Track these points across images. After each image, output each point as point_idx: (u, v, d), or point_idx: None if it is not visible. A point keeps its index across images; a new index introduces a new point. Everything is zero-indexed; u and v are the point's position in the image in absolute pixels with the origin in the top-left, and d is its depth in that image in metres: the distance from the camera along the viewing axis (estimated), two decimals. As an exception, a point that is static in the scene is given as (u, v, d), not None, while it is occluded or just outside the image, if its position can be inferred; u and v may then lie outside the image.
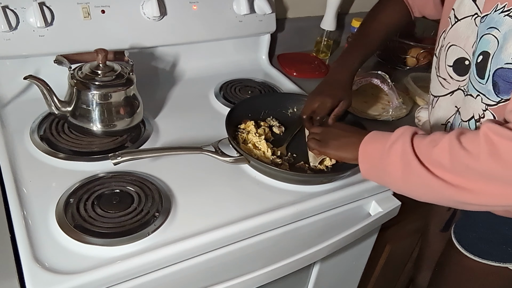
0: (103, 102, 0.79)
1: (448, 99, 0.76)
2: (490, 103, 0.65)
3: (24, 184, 0.70)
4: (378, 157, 0.63)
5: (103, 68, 0.80)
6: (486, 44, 0.63)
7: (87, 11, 0.90)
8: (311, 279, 0.94)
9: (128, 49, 0.94)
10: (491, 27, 0.62)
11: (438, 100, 0.79)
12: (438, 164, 0.56)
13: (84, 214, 0.65)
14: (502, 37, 0.60)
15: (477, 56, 0.65)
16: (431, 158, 0.57)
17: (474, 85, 0.67)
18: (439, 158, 0.56)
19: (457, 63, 0.72)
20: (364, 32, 0.93)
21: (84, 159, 0.76)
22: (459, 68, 0.71)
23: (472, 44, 0.68)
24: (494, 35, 0.62)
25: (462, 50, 0.70)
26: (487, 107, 0.66)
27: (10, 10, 0.82)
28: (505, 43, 0.59)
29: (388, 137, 0.62)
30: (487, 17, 0.63)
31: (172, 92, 1.03)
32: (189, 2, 1.01)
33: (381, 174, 0.64)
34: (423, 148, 0.58)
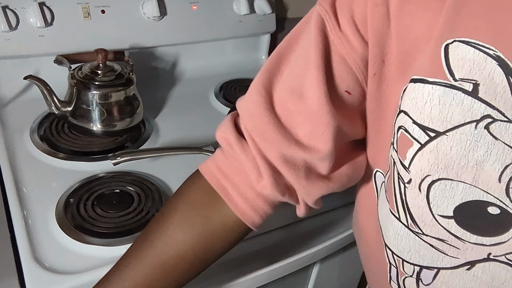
0: (103, 102, 0.79)
1: (464, 275, 0.41)
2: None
3: (24, 184, 0.70)
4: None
5: (103, 68, 0.80)
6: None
7: (87, 11, 0.90)
8: (311, 279, 0.94)
9: (128, 49, 0.94)
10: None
11: (438, 275, 0.42)
12: None
13: (84, 214, 0.65)
14: None
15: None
16: None
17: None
18: None
19: (464, 214, 0.38)
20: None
21: (84, 159, 0.76)
22: (473, 221, 0.38)
23: (498, 172, 0.35)
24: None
25: (471, 187, 0.36)
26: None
27: (10, 10, 0.82)
28: None
29: None
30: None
31: (172, 92, 1.03)
32: (189, 2, 1.01)
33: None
34: None
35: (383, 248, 0.46)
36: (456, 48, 0.34)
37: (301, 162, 0.45)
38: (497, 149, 0.34)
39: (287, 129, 0.45)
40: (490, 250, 0.38)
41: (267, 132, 0.44)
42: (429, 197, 0.38)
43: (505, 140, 0.34)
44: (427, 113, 0.36)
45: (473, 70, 0.34)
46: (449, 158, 0.36)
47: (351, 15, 0.41)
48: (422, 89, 0.36)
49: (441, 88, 0.35)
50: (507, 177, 0.35)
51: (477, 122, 0.34)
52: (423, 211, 0.39)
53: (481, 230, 0.37)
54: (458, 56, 0.34)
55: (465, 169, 0.36)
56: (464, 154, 0.35)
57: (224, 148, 0.48)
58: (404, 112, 0.38)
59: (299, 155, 0.44)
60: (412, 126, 0.37)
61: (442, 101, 0.35)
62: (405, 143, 0.39)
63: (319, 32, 0.42)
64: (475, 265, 0.39)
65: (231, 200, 0.47)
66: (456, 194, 0.37)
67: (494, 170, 0.35)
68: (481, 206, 0.36)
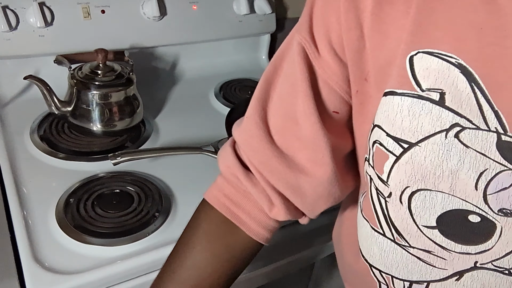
0: (103, 102, 0.79)
1: (454, 287, 0.40)
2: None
3: (24, 184, 0.70)
4: None
5: (103, 68, 0.80)
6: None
7: (87, 11, 0.90)
8: (311, 279, 0.94)
9: (128, 49, 0.94)
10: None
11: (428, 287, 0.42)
12: None
13: (84, 214, 0.65)
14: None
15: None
16: None
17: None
18: None
19: (447, 223, 0.37)
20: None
21: (84, 159, 0.76)
22: (456, 230, 0.37)
23: (474, 179, 0.35)
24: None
25: (449, 196, 0.36)
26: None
27: (10, 10, 0.82)
28: None
29: None
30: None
31: (172, 92, 1.03)
32: (189, 2, 1.01)
33: None
34: None
35: (368, 270, 0.46)
36: (420, 59, 0.35)
37: (309, 188, 0.47)
38: (469, 157, 0.34)
39: (289, 157, 0.46)
40: (476, 258, 0.38)
41: (272, 165, 0.46)
42: (411, 209, 0.38)
43: (476, 147, 0.34)
44: (399, 124, 0.36)
45: (438, 79, 0.34)
46: (425, 169, 0.36)
47: (328, 41, 0.42)
48: (392, 101, 0.37)
49: (409, 99, 0.36)
50: (483, 184, 0.34)
51: (446, 131, 0.35)
52: (408, 223, 0.39)
53: (465, 239, 0.37)
54: (423, 66, 0.35)
55: (441, 178, 0.36)
56: (438, 163, 0.35)
57: (230, 180, 0.50)
58: (377, 126, 0.39)
59: (306, 183, 0.47)
60: (386, 138, 0.38)
61: (412, 112, 0.36)
62: (381, 156, 0.39)
63: (302, 61, 0.43)
64: (464, 275, 0.39)
65: (245, 225, 0.50)
66: (437, 204, 0.37)
67: (470, 178, 0.35)
68: (462, 214, 0.36)
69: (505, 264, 0.36)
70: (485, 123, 0.33)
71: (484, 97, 0.33)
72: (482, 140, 0.34)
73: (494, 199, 0.34)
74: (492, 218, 0.35)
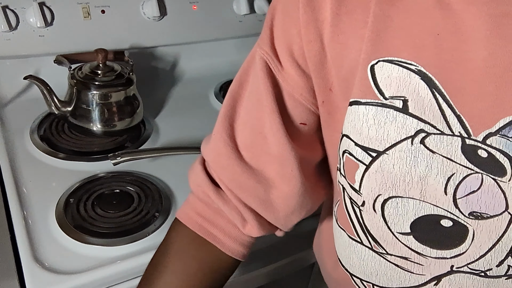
0: (103, 102, 0.79)
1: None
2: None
3: (24, 184, 0.70)
4: None
5: (103, 68, 0.80)
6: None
7: (87, 11, 0.90)
8: (311, 279, 0.94)
9: (128, 49, 0.94)
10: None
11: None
12: None
13: (84, 214, 0.65)
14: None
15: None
16: None
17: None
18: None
19: (421, 229, 0.37)
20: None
21: (84, 159, 0.76)
22: (430, 235, 0.37)
23: (442, 184, 0.35)
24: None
25: (421, 202, 0.36)
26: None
27: (10, 10, 0.82)
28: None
29: None
30: (489, 138, 0.33)
31: (172, 92, 1.03)
32: (189, 2, 1.01)
33: None
34: None
35: (349, 279, 0.46)
36: (381, 67, 0.35)
37: (280, 203, 0.47)
38: (437, 162, 0.34)
39: (259, 172, 0.46)
40: (452, 262, 0.38)
41: (242, 182, 0.46)
42: (385, 216, 0.38)
43: (442, 152, 0.34)
44: (365, 133, 0.37)
45: (400, 86, 0.34)
46: (394, 176, 0.36)
47: (290, 53, 0.42)
48: (357, 111, 0.37)
49: (374, 107, 0.36)
50: (452, 189, 0.34)
51: (412, 138, 0.35)
52: (383, 230, 0.39)
53: (440, 244, 0.37)
54: (384, 75, 0.35)
55: (411, 185, 0.36)
56: (406, 170, 0.35)
57: (202, 198, 0.50)
58: (346, 135, 0.39)
59: (277, 197, 0.46)
60: (355, 148, 0.38)
61: (377, 120, 0.36)
62: (351, 166, 0.39)
63: (266, 75, 0.43)
64: (441, 280, 0.39)
65: (220, 242, 0.49)
66: (409, 211, 0.37)
67: (438, 183, 0.35)
68: (434, 220, 0.36)
69: (481, 266, 0.36)
70: (449, 128, 0.34)
71: (446, 103, 0.33)
72: (448, 145, 0.34)
73: (464, 203, 0.34)
74: (463, 222, 0.35)
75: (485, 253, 0.36)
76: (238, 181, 0.47)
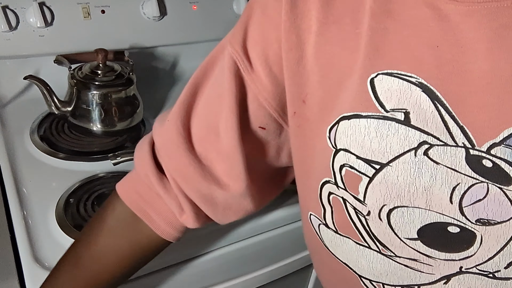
0: (103, 102, 0.79)
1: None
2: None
3: (24, 184, 0.70)
4: None
5: (103, 68, 0.80)
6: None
7: (87, 11, 0.90)
8: (311, 279, 0.94)
9: (128, 49, 0.94)
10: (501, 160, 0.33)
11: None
12: None
13: (84, 214, 0.65)
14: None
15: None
16: None
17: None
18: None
19: (428, 235, 0.37)
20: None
21: (84, 159, 0.76)
22: (438, 240, 0.38)
23: (447, 194, 0.35)
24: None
25: (426, 211, 0.36)
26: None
27: (10, 10, 0.82)
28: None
29: None
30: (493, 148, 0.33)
31: (172, 92, 1.03)
32: (189, 2, 1.01)
33: None
34: None
35: (358, 279, 0.45)
36: (381, 81, 0.35)
37: (221, 200, 0.47)
38: (441, 173, 0.34)
39: (206, 167, 0.46)
40: (461, 264, 0.38)
41: (188, 174, 0.46)
42: (391, 224, 0.38)
43: (446, 163, 0.34)
44: (368, 146, 0.36)
45: (401, 99, 0.34)
46: (398, 187, 0.36)
47: (264, 57, 0.41)
48: (358, 124, 0.36)
49: (375, 120, 0.36)
50: (457, 198, 0.34)
51: (415, 150, 0.35)
52: (390, 237, 0.39)
53: (448, 248, 0.37)
54: (384, 88, 0.35)
55: (416, 195, 0.36)
56: (411, 181, 0.35)
57: (143, 180, 0.50)
58: (344, 150, 0.38)
59: (219, 194, 0.47)
60: (357, 161, 0.37)
61: (379, 133, 0.35)
62: (353, 179, 0.38)
63: (232, 75, 0.42)
64: (451, 279, 0.39)
65: (155, 223, 0.49)
66: (415, 219, 0.37)
67: (443, 193, 0.35)
68: (441, 226, 0.36)
69: (489, 268, 0.36)
70: (452, 139, 0.33)
71: (448, 114, 0.33)
72: (451, 156, 0.34)
73: (470, 211, 0.34)
74: (471, 228, 0.35)
75: (493, 255, 0.36)
76: (183, 172, 0.46)
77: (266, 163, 0.49)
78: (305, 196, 0.47)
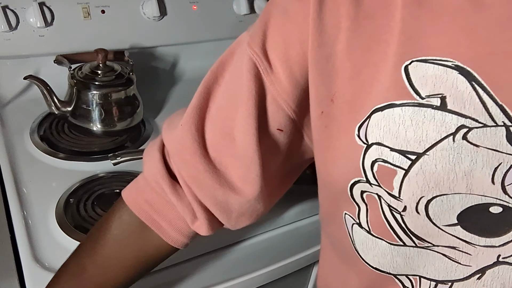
0: (103, 102, 0.79)
1: (474, 285, 0.40)
2: None
3: (24, 184, 0.70)
4: None
5: (103, 68, 0.80)
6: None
7: (87, 11, 0.90)
8: (311, 279, 0.94)
9: (128, 49, 0.94)
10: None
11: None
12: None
13: (84, 214, 0.65)
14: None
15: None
16: None
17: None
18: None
19: (468, 219, 0.37)
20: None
21: (84, 159, 0.76)
22: (478, 224, 0.37)
23: (489, 175, 0.34)
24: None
25: (467, 195, 0.36)
26: None
27: (10, 10, 0.82)
28: None
29: None
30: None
31: (172, 92, 1.03)
32: (189, 2, 1.01)
33: None
34: None
35: (390, 279, 0.44)
36: (415, 68, 0.35)
37: (236, 206, 0.47)
38: (481, 155, 0.34)
39: (221, 173, 0.45)
40: (499, 251, 0.37)
41: (203, 180, 0.45)
42: (429, 215, 0.37)
43: (486, 145, 0.33)
44: (403, 136, 0.36)
45: (437, 84, 0.34)
46: (437, 176, 0.35)
47: (286, 58, 0.41)
48: (392, 114, 0.36)
49: (410, 108, 0.35)
50: (499, 178, 0.34)
51: (453, 135, 0.34)
52: (428, 228, 0.38)
53: (488, 231, 0.36)
54: (419, 74, 0.34)
55: (456, 182, 0.35)
56: (450, 168, 0.35)
57: (154, 186, 0.48)
58: (376, 143, 0.37)
59: (234, 200, 0.46)
60: (391, 154, 0.37)
61: (414, 121, 0.35)
62: (387, 173, 0.37)
63: (252, 77, 0.42)
64: (486, 273, 0.38)
65: (165, 232, 0.49)
66: (455, 205, 0.36)
67: (485, 175, 0.34)
68: (482, 208, 0.36)
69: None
70: (492, 119, 0.33)
71: (487, 94, 0.33)
72: (491, 137, 0.33)
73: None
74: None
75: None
76: (198, 179, 0.45)
77: (278, 165, 0.48)
78: (334, 196, 0.46)
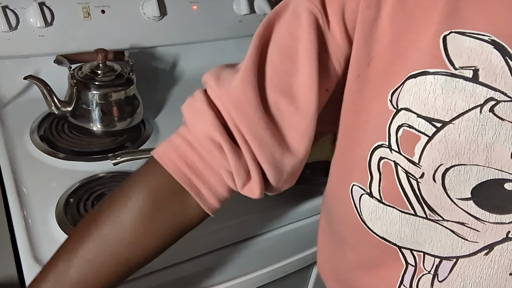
0: (103, 102, 0.79)
1: (482, 262, 0.40)
2: None
3: (24, 184, 0.70)
4: None
5: (103, 68, 0.80)
6: None
7: (87, 11, 0.90)
8: (311, 279, 0.94)
9: (128, 49, 0.94)
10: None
11: (455, 265, 0.41)
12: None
13: (84, 214, 0.65)
14: None
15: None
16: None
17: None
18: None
19: (482, 194, 0.37)
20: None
21: (84, 159, 0.76)
22: (491, 200, 0.37)
23: (509, 150, 0.35)
24: None
25: (485, 168, 0.36)
26: None
27: (10, 10, 0.82)
28: None
29: None
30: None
31: (172, 92, 1.03)
32: (189, 2, 1.01)
33: None
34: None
35: (394, 253, 0.44)
36: (453, 39, 0.36)
37: (288, 166, 0.45)
38: (505, 129, 0.35)
39: (281, 131, 0.44)
40: (509, 227, 0.38)
41: (264, 138, 0.43)
42: (445, 185, 0.38)
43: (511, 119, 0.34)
44: (431, 104, 0.36)
45: (471, 57, 0.35)
46: (459, 145, 0.36)
47: (341, 15, 0.41)
48: (424, 81, 0.37)
49: (443, 77, 0.36)
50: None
51: (481, 107, 0.35)
52: (441, 199, 0.39)
53: (500, 208, 0.37)
54: (456, 46, 0.36)
55: (476, 153, 0.36)
56: (473, 139, 0.36)
57: (202, 146, 0.44)
58: (405, 109, 0.38)
59: (288, 160, 0.45)
60: (417, 120, 0.37)
61: (445, 90, 0.36)
62: (410, 139, 0.38)
63: (314, 30, 0.41)
64: (493, 248, 0.39)
65: (203, 199, 0.45)
66: (472, 177, 0.37)
67: (505, 149, 0.35)
68: (498, 183, 0.36)
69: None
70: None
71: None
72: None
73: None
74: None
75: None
76: (259, 136, 0.42)
77: (320, 129, 0.47)
78: (349, 166, 0.46)
